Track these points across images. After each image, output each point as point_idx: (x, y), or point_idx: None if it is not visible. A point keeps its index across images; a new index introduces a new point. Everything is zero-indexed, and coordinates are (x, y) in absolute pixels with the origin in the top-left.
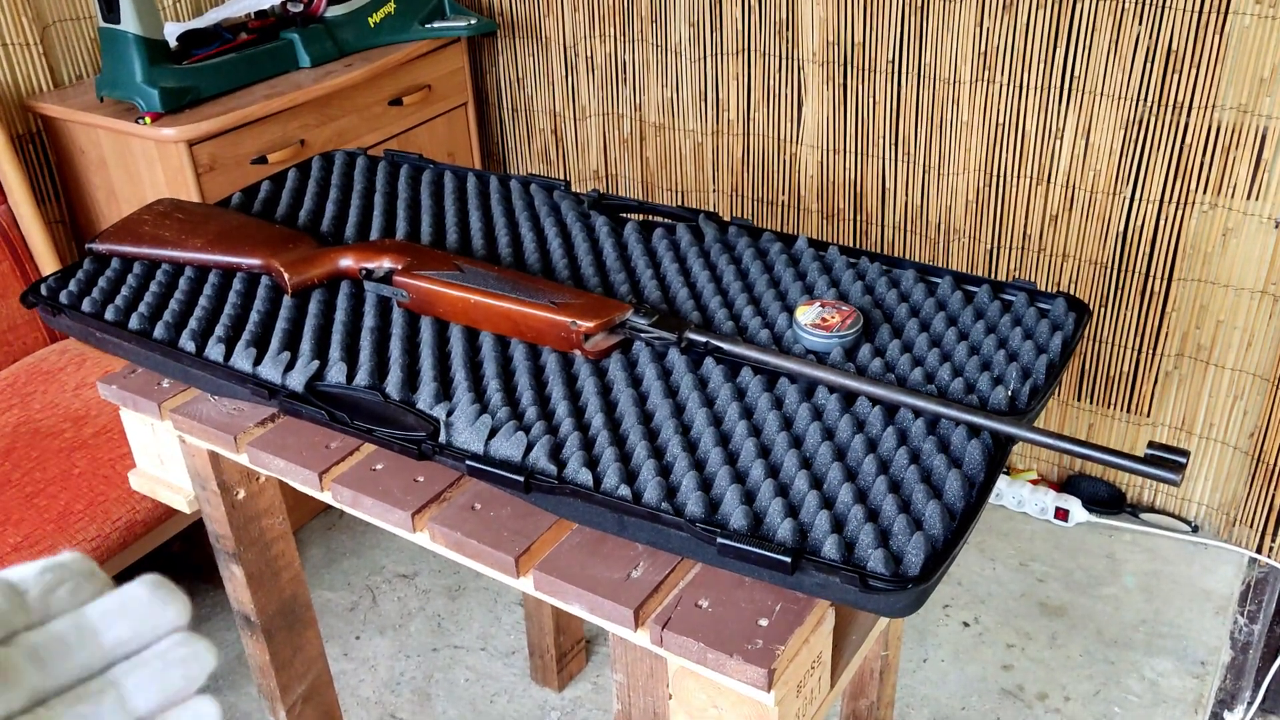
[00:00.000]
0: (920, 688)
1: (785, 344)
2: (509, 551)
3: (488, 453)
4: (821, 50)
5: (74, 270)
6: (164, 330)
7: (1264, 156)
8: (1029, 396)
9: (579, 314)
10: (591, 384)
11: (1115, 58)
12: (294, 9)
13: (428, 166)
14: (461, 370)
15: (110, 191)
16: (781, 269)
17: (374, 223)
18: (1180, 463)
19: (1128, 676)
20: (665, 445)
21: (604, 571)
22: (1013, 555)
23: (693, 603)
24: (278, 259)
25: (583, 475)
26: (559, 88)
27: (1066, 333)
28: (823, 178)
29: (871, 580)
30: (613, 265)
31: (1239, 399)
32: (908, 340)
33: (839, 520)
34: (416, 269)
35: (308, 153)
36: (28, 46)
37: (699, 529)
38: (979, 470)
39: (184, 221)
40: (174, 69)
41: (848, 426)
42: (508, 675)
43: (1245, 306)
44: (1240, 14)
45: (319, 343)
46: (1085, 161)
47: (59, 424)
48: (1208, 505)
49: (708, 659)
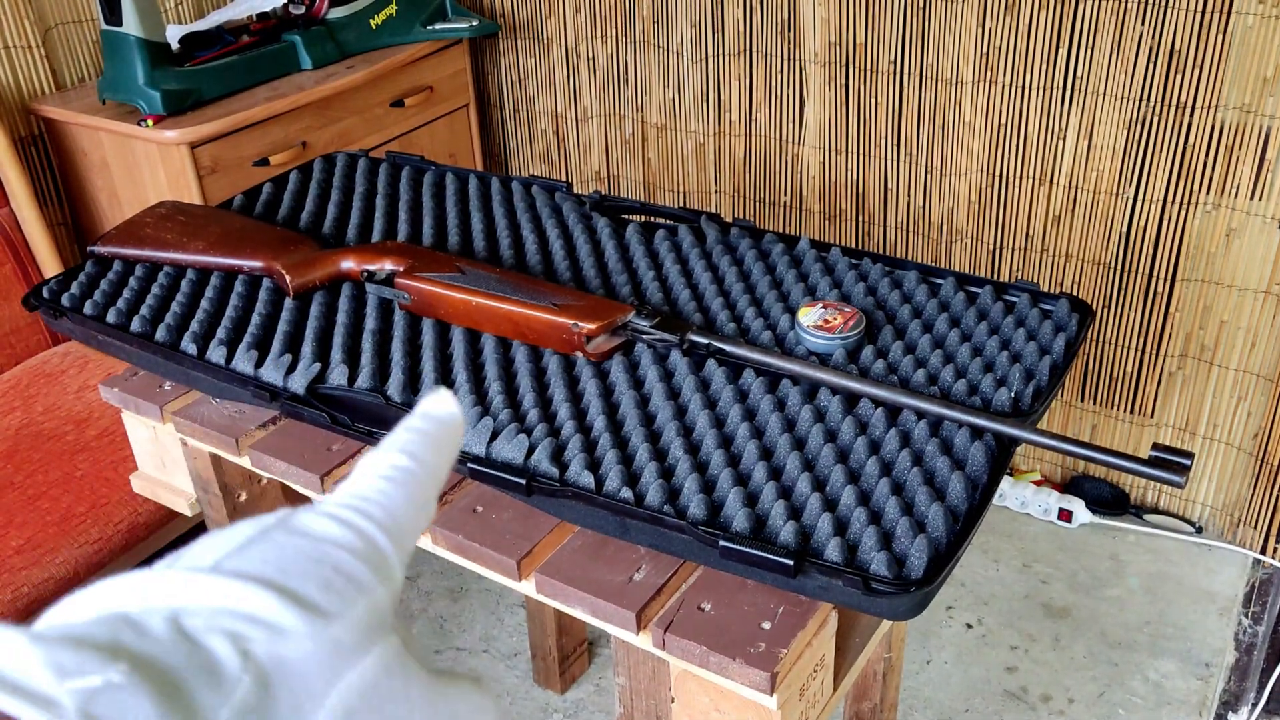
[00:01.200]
0: (924, 689)
1: (788, 346)
2: (511, 554)
3: (489, 455)
4: (823, 51)
5: (76, 273)
6: (166, 333)
7: (1267, 156)
8: (1032, 398)
9: (581, 316)
10: (593, 386)
11: (1118, 58)
12: (296, 11)
13: (429, 168)
14: (463, 372)
15: (112, 194)
16: (784, 270)
17: (375, 225)
18: (1184, 464)
19: (1132, 678)
20: (667, 447)
21: (606, 574)
22: (1016, 556)
23: (695, 606)
24: (279, 261)
25: (585, 478)
26: (561, 89)
27: (1070, 334)
28: (825, 178)
29: (874, 583)
30: (614, 267)
31: (1243, 400)
32: (910, 342)
33: (842, 523)
34: (418, 271)
35: (309, 155)
36: (30, 49)
37: (701, 532)
38: (982, 472)
39: (186, 224)
40: (176, 71)
41: (850, 428)
42: (510, 677)
43: (1249, 307)
44: (1243, 14)
45: (321, 345)
46: (1088, 162)
47: (61, 426)
48: (1212, 506)
49: (710, 662)
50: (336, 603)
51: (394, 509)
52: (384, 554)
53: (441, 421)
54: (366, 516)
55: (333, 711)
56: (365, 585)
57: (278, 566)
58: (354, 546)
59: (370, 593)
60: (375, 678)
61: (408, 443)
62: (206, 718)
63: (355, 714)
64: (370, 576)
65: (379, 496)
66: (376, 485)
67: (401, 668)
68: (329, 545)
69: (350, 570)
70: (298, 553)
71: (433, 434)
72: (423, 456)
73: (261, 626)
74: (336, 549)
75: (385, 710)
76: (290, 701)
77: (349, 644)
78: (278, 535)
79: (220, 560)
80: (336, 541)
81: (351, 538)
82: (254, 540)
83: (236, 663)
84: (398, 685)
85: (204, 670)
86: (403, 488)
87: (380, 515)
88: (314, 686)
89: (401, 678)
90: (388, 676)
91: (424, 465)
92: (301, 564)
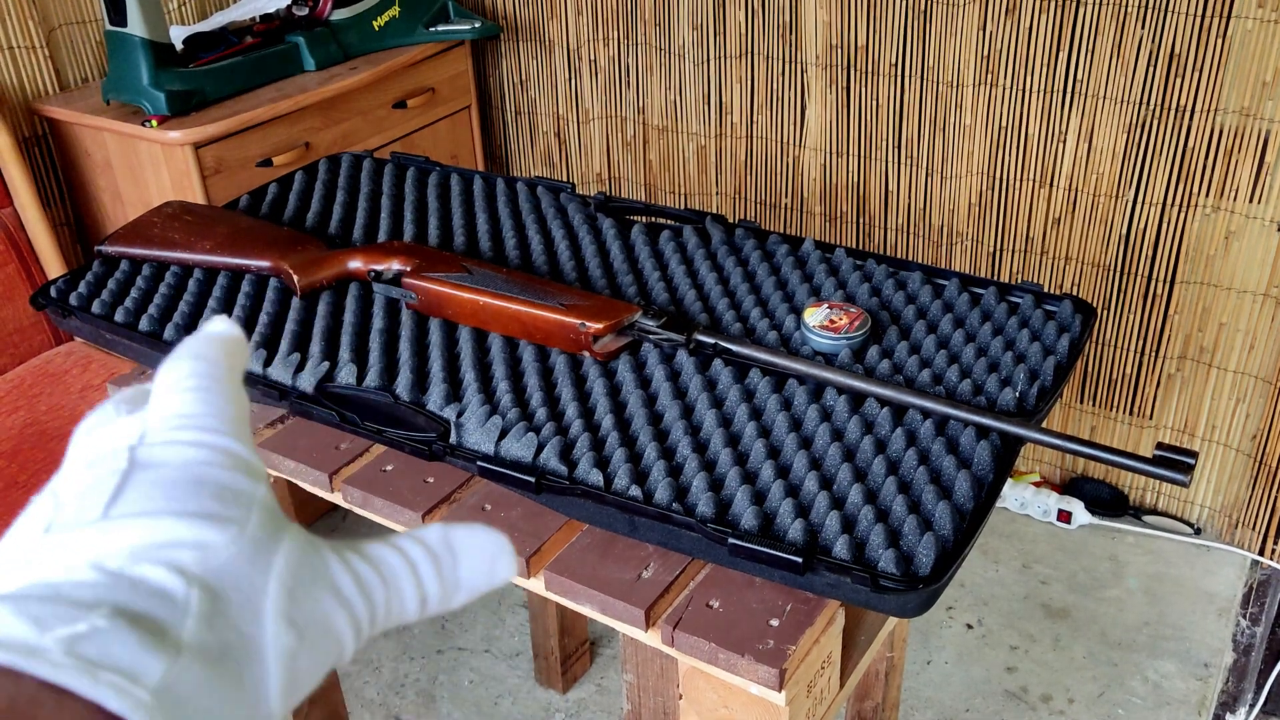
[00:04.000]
0: (924, 690)
1: (793, 345)
2: (520, 552)
3: (498, 453)
4: (825, 53)
5: (83, 272)
6: (174, 332)
7: (1266, 160)
8: (1037, 398)
9: (588, 315)
10: (601, 385)
11: (1118, 61)
12: (299, 12)
13: (434, 169)
14: (471, 371)
15: (116, 194)
16: (788, 271)
17: (381, 225)
18: (1189, 463)
19: (1131, 678)
20: (675, 446)
21: (615, 572)
22: (1016, 557)
23: (704, 603)
24: (286, 261)
25: (593, 476)
26: (562, 90)
27: (1074, 334)
28: (826, 181)
29: (883, 580)
30: (620, 267)
31: (1241, 401)
32: (915, 342)
33: (849, 520)
34: (424, 271)
35: (313, 155)
36: (34, 49)
37: (710, 529)
38: (988, 471)
39: (193, 224)
40: (180, 72)
41: (856, 427)
42: (512, 677)
43: (1248, 309)
44: (1243, 17)
45: (328, 344)
46: (1088, 164)
47: (65, 426)
48: (1210, 508)
49: (719, 659)
50: (235, 510)
51: (219, 410)
52: (244, 458)
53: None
54: (206, 429)
55: (277, 596)
56: (247, 491)
57: (166, 498)
58: (218, 461)
59: (255, 494)
60: (300, 557)
61: (189, 348)
62: (178, 635)
63: (296, 590)
64: (247, 481)
65: (201, 407)
66: (188, 397)
67: (315, 544)
68: (196, 467)
69: (229, 482)
70: (174, 484)
71: (214, 340)
72: (209, 354)
73: (184, 548)
74: (204, 467)
75: (319, 578)
76: (239, 599)
77: (265, 539)
78: (141, 476)
79: (105, 510)
80: (199, 461)
81: (209, 454)
82: (122, 488)
83: (180, 581)
84: (320, 559)
85: (154, 596)
86: (211, 389)
87: (213, 423)
88: (255, 581)
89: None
90: (312, 552)
91: (215, 364)
92: (185, 490)
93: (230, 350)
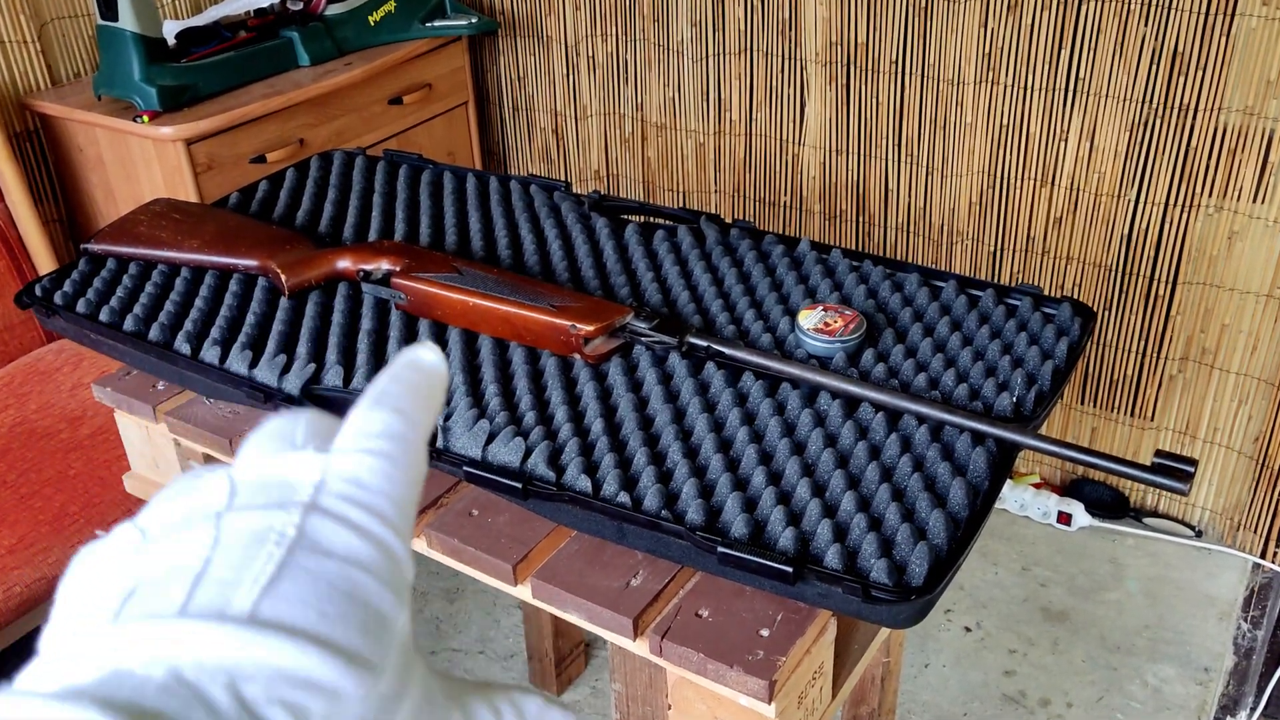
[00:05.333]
0: (922, 694)
1: (787, 348)
2: (507, 559)
3: (485, 458)
4: (825, 50)
5: (69, 271)
6: (159, 332)
7: (1270, 159)
8: (1034, 403)
9: (579, 317)
10: (591, 389)
11: (1120, 59)
12: (293, 7)
13: (427, 166)
14: (459, 374)
15: (108, 190)
16: (784, 272)
17: (372, 224)
18: (1188, 472)
19: (1130, 682)
20: (665, 451)
21: (603, 580)
22: (1015, 560)
23: (693, 612)
24: (275, 260)
25: (581, 482)
26: (560, 87)
27: (1072, 338)
28: (825, 179)
29: (874, 591)
30: (613, 268)
31: (1243, 403)
32: (911, 345)
33: (841, 529)
34: (415, 271)
35: (306, 152)
36: (25, 44)
37: (699, 537)
38: (983, 478)
39: (180, 222)
40: (172, 67)
41: (850, 433)
42: (506, 678)
43: (1250, 310)
44: (1247, 15)
45: (316, 345)
46: (1090, 164)
47: (55, 425)
48: (1211, 510)
49: (708, 669)
50: (377, 650)
51: (397, 496)
52: (399, 565)
53: (429, 372)
54: (377, 516)
55: None
56: (392, 618)
57: (318, 611)
58: (376, 566)
59: (397, 623)
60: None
61: (397, 397)
62: None
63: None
64: (395, 604)
65: (382, 483)
66: (374, 465)
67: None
68: (355, 570)
69: (379, 604)
70: (331, 587)
71: (422, 386)
72: (413, 414)
73: (317, 692)
74: (362, 573)
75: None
76: None
77: (392, 693)
78: (305, 560)
79: (257, 604)
80: (360, 562)
81: (371, 552)
82: (285, 570)
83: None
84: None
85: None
86: (399, 462)
87: (388, 510)
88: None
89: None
90: (428, 709)
91: (415, 426)
92: (338, 604)
93: (431, 393)
